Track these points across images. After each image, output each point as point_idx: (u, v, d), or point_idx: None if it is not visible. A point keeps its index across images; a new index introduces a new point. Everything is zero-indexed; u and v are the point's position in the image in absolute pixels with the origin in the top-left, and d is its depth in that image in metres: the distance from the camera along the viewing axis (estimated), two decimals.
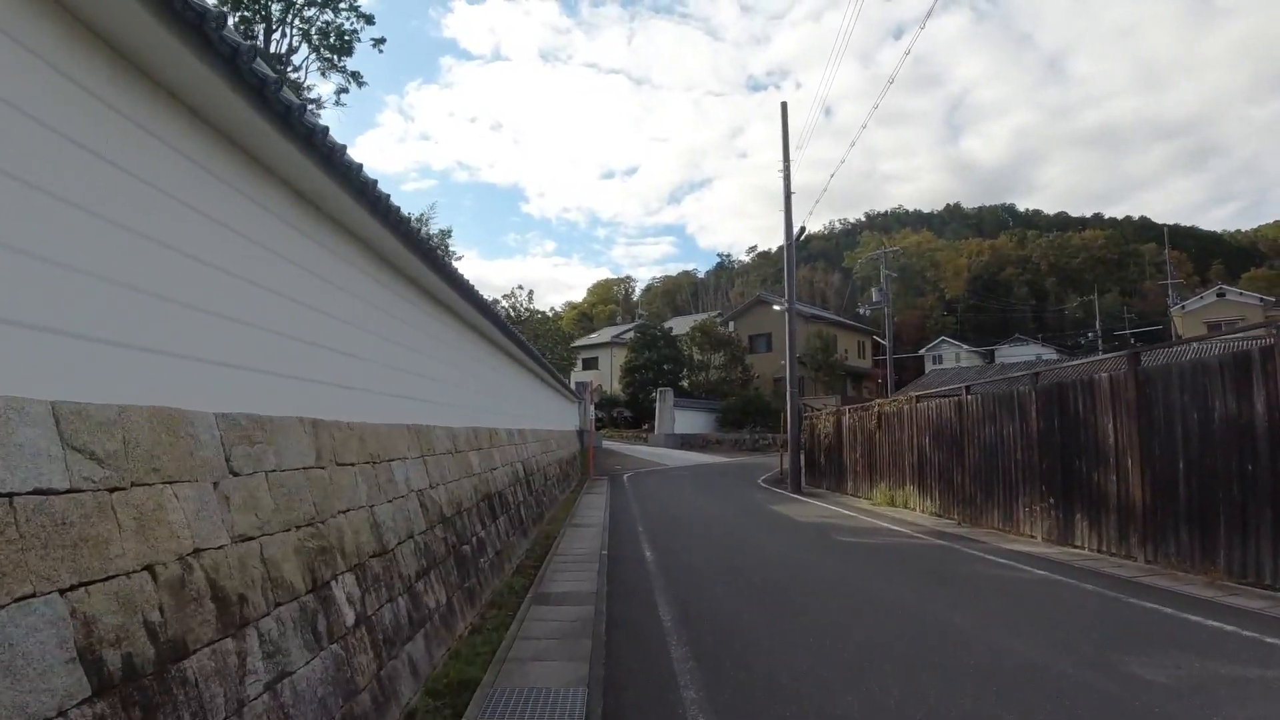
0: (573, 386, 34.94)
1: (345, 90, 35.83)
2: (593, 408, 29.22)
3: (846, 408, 21.94)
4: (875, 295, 41.31)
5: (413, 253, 6.45)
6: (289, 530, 4.26)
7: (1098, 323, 79.61)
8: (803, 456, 23.77)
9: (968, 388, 15.31)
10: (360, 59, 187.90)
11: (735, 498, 20.74)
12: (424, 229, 38.92)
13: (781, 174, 23.91)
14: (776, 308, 23.90)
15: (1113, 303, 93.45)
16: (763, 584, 8.85)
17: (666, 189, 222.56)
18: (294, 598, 4.08)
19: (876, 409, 19.36)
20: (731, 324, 56.39)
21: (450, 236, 42.50)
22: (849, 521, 15.14)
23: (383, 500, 5.84)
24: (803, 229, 22.54)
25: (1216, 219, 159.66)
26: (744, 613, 7.37)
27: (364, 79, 40.23)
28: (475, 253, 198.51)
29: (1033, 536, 12.37)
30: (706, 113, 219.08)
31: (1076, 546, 11.35)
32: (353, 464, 5.44)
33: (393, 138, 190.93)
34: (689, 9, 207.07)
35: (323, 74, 35.31)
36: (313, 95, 34.64)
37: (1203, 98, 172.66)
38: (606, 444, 40.69)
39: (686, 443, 43.45)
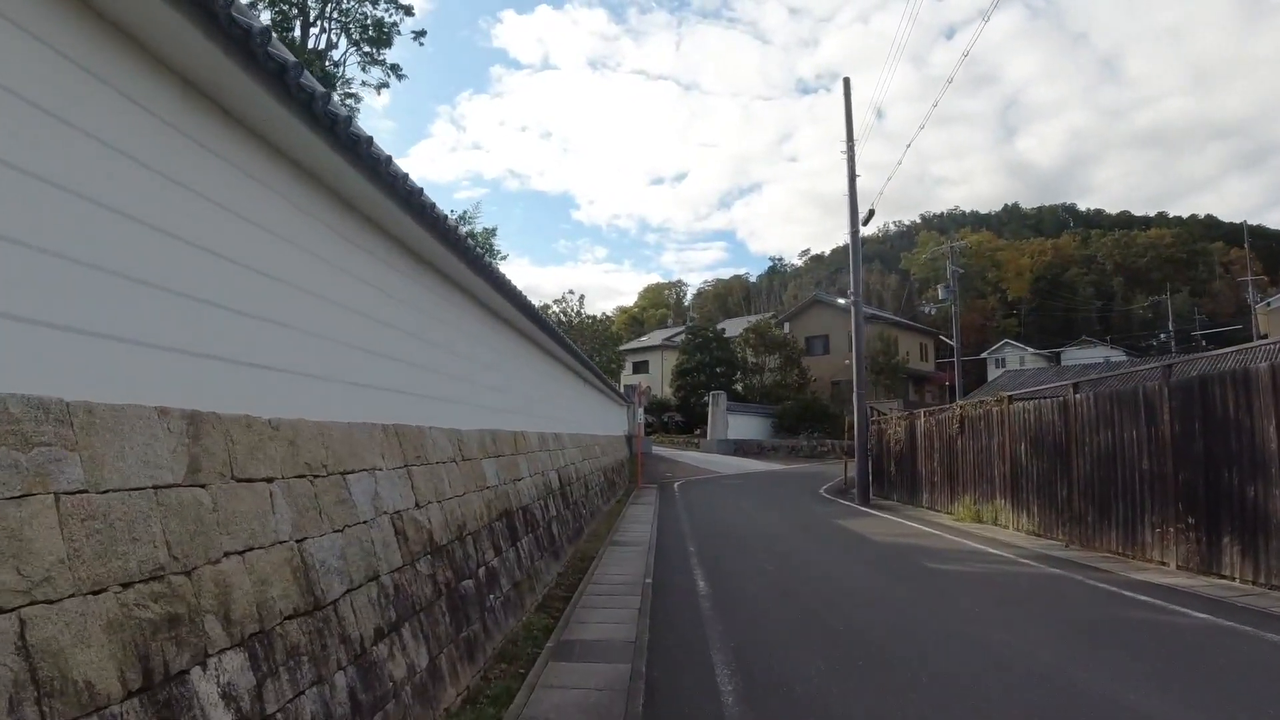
0: (621, 390, 33.17)
1: (385, 85, 34.95)
2: (641, 411, 27.40)
3: (922, 411, 19.77)
4: (942, 292, 38.77)
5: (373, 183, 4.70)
6: (100, 592, 2.52)
7: (1170, 323, 75.91)
8: (869, 465, 21.60)
9: (1075, 385, 13.13)
10: (410, 67, 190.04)
11: (796, 511, 18.73)
12: (464, 226, 37.62)
13: (845, 154, 21.88)
14: (841, 301, 21.89)
15: (1182, 303, 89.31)
16: (849, 634, 6.90)
17: (716, 195, 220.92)
18: (93, 709, 2.35)
19: (959, 412, 17.20)
20: (786, 325, 54.14)
21: (495, 236, 41.16)
22: (933, 542, 13.05)
23: (324, 530, 4.09)
24: (871, 212, 20.44)
25: (1274, 220, 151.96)
26: (832, 685, 5.43)
27: (403, 71, 39.26)
28: (527, 260, 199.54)
29: (1164, 564, 10.21)
30: (755, 117, 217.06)
31: (1223, 576, 9.20)
32: (270, 479, 3.70)
33: (444, 147, 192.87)
34: (736, 13, 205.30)
35: (363, 68, 34.51)
36: (352, 89, 33.79)
37: (1258, 97, 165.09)
38: (656, 450, 38.86)
39: (740, 449, 41.40)
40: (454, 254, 6.41)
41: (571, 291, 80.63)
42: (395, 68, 34.35)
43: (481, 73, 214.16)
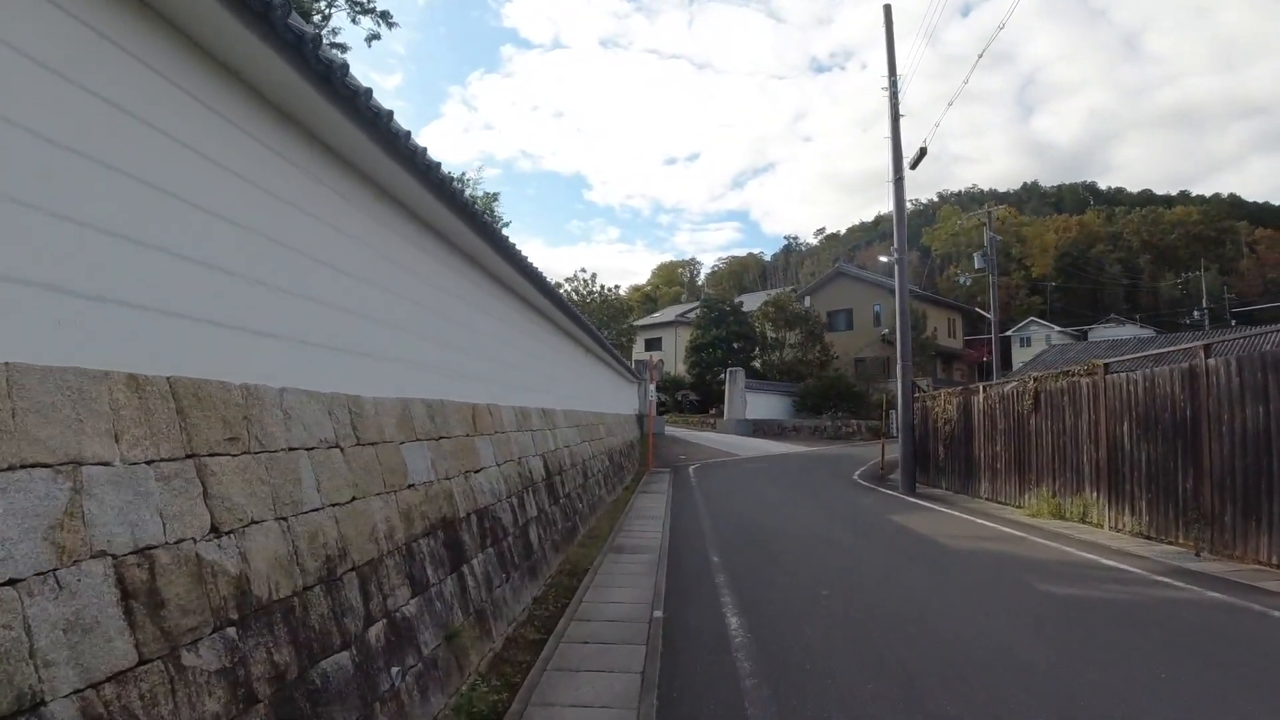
0: (631, 366, 30.41)
1: (376, 36, 32.20)
2: (653, 388, 24.65)
3: (980, 385, 16.89)
4: (978, 260, 35.62)
5: None
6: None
7: (1204, 300, 73.08)
8: (914, 448, 18.75)
9: (1207, 347, 10.25)
10: (418, 50, 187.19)
11: (835, 502, 15.95)
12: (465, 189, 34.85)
13: (887, 91, 18.90)
14: (883, 259, 18.99)
15: (1211, 281, 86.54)
16: None
17: (729, 174, 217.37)
18: None
19: (1033, 385, 14.33)
20: (807, 299, 51.09)
21: (496, 201, 38.32)
22: (1025, 549, 10.24)
23: None
24: (923, 151, 17.44)
25: None
26: None
27: (394, 19, 36.67)
28: (540, 241, 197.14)
29: None
30: (770, 96, 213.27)
31: None
32: None
33: (457, 128, 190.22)
34: None
35: (353, 20, 31.87)
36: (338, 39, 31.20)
37: None
38: (670, 430, 36.14)
39: (759, 429, 38.59)
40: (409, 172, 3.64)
41: (584, 270, 77.76)
42: (385, 15, 31.60)
43: (492, 52, 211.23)
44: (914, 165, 17.46)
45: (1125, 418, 11.52)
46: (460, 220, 6.06)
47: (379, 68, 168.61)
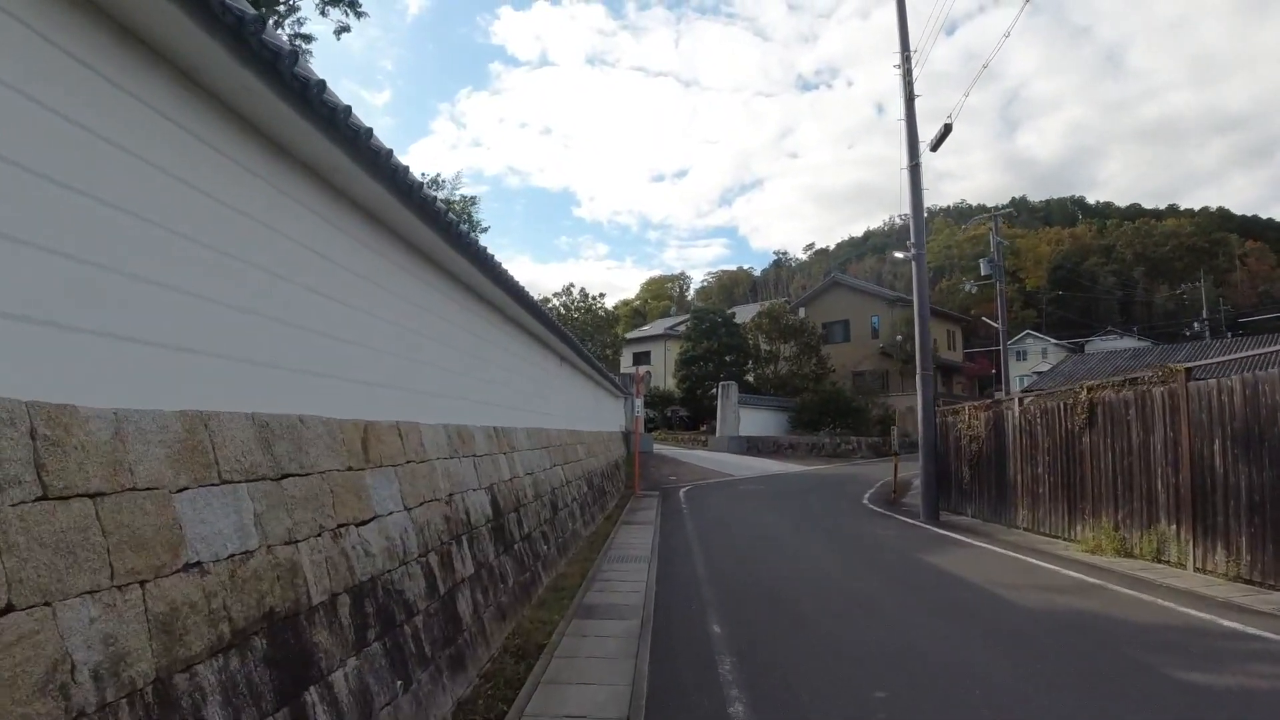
0: (617, 380, 28.08)
1: (346, 29, 30.15)
2: (640, 403, 22.38)
3: (1017, 396, 14.69)
4: (985, 267, 33.48)
5: None
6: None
7: (1205, 311, 71.72)
8: (935, 470, 16.51)
9: None
10: (407, 67, 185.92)
11: (850, 535, 13.70)
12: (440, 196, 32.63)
13: (899, 70, 16.83)
14: (899, 255, 16.79)
15: (1207, 293, 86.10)
16: None
17: (717, 191, 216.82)
18: None
19: (1085, 396, 12.14)
20: (801, 310, 48.97)
21: (475, 204, 36.09)
22: (1105, 603, 8.00)
23: None
24: (947, 128, 15.26)
25: None
26: None
27: (362, 7, 34.70)
28: (528, 257, 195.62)
29: None
30: (756, 113, 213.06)
31: None
32: None
33: (445, 145, 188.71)
34: (735, 8, 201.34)
35: (322, 12, 29.87)
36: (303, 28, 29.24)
37: (1261, 91, 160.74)
38: (659, 448, 33.84)
39: (753, 447, 36.32)
40: None
41: (573, 284, 75.33)
42: (354, 4, 29.55)
43: (480, 69, 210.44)
44: (935, 146, 15.36)
45: (1216, 434, 9.34)
46: (399, 200, 3.87)
47: (367, 85, 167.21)
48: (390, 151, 4.55)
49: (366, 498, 4.62)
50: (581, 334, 37.57)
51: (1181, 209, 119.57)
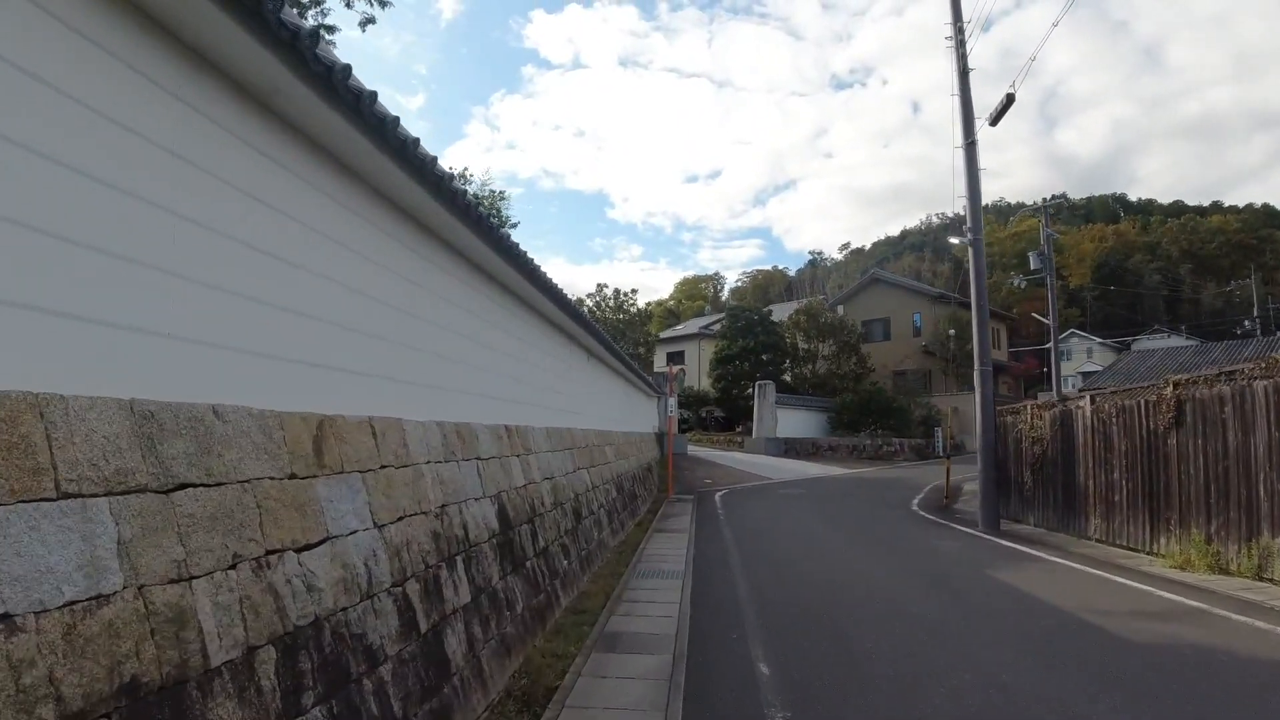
0: (650, 379, 26.99)
1: (371, 20, 29.42)
2: (673, 402, 21.28)
3: (1089, 394, 13.34)
4: (1035, 261, 31.83)
5: None
6: None
7: (1255, 309, 68.96)
8: (995, 474, 15.16)
9: None
10: (441, 71, 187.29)
11: (905, 546, 12.48)
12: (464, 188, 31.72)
13: (951, 41, 15.56)
14: (955, 240, 15.41)
15: (1258, 290, 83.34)
16: None
17: (751, 192, 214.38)
18: None
19: (1172, 393, 10.82)
20: (840, 308, 47.49)
21: (504, 199, 35.18)
22: (1225, 635, 6.75)
23: None
24: (1009, 99, 13.92)
25: None
26: None
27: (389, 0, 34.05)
28: (562, 259, 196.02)
29: None
30: (789, 114, 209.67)
31: None
32: None
33: (480, 148, 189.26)
34: (768, 8, 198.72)
35: (348, 4, 29.17)
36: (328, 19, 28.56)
37: None
38: (693, 450, 32.70)
39: (791, 449, 35.02)
40: None
41: (604, 284, 74.26)
42: None
43: (513, 73, 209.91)
44: (996, 120, 14.05)
45: None
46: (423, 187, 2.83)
47: (403, 89, 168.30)
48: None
49: (316, 514, 3.58)
50: (613, 333, 36.60)
51: (1225, 206, 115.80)
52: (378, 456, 4.49)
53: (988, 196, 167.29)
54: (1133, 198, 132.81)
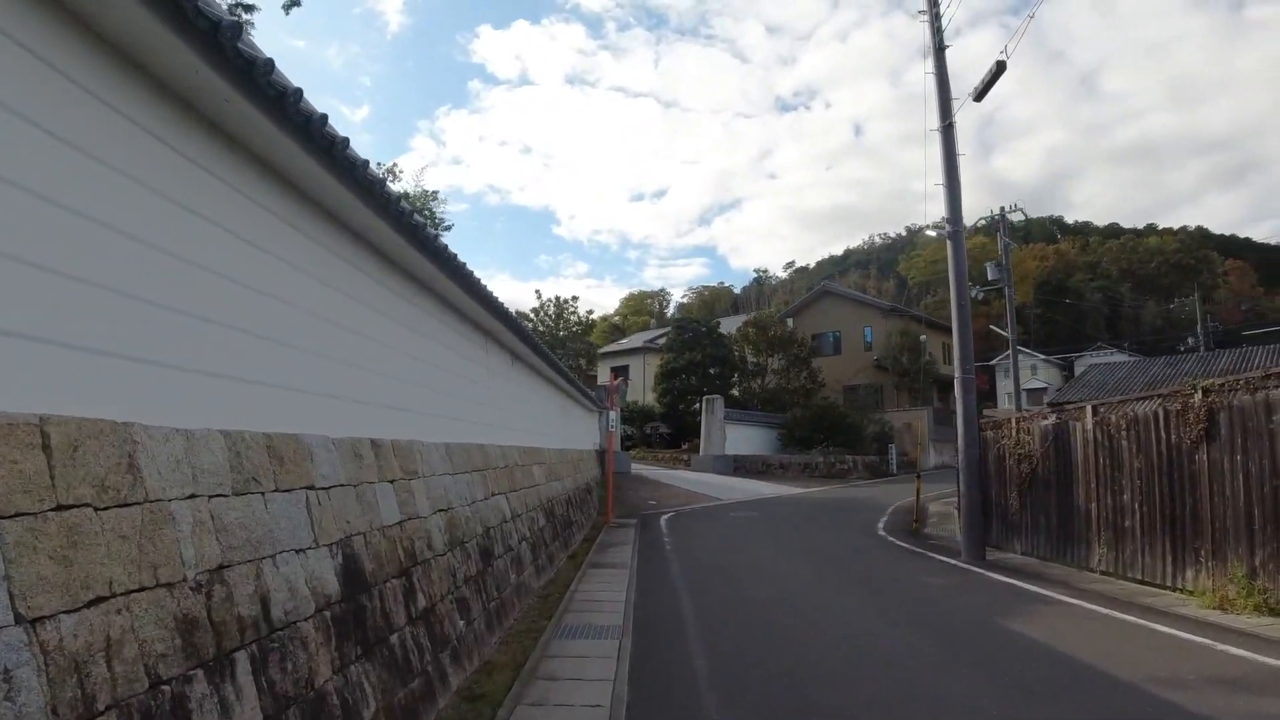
0: (592, 393, 24.82)
1: (296, 3, 27.08)
2: (615, 415, 19.21)
3: (1088, 405, 11.63)
4: (992, 272, 30.68)
5: None
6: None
7: (1199, 326, 69.95)
8: (980, 495, 13.35)
9: None
10: (386, 83, 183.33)
11: (892, 588, 10.57)
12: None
13: (924, 14, 13.94)
14: (931, 233, 13.17)
15: (1193, 309, 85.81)
16: None
17: (696, 211, 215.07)
18: None
19: (1200, 400, 9.15)
20: (789, 321, 46.00)
21: (436, 200, 32.86)
22: None
23: None
24: (1000, 65, 12.23)
25: (1260, 234, 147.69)
26: None
27: None
28: (508, 275, 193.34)
29: None
30: (735, 134, 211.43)
31: None
32: None
33: (425, 161, 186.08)
34: (714, 31, 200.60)
35: None
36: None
37: (1238, 114, 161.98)
38: (637, 468, 30.65)
39: (740, 466, 33.19)
40: None
41: (539, 290, 71.55)
42: None
43: (460, 87, 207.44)
44: (981, 95, 12.39)
45: None
46: None
47: (348, 100, 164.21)
48: None
49: None
50: (553, 344, 34.40)
51: (1160, 228, 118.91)
52: (52, 489, 2.37)
53: (929, 218, 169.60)
54: (1070, 220, 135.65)
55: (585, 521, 16.92)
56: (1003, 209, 31.54)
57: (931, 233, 13.70)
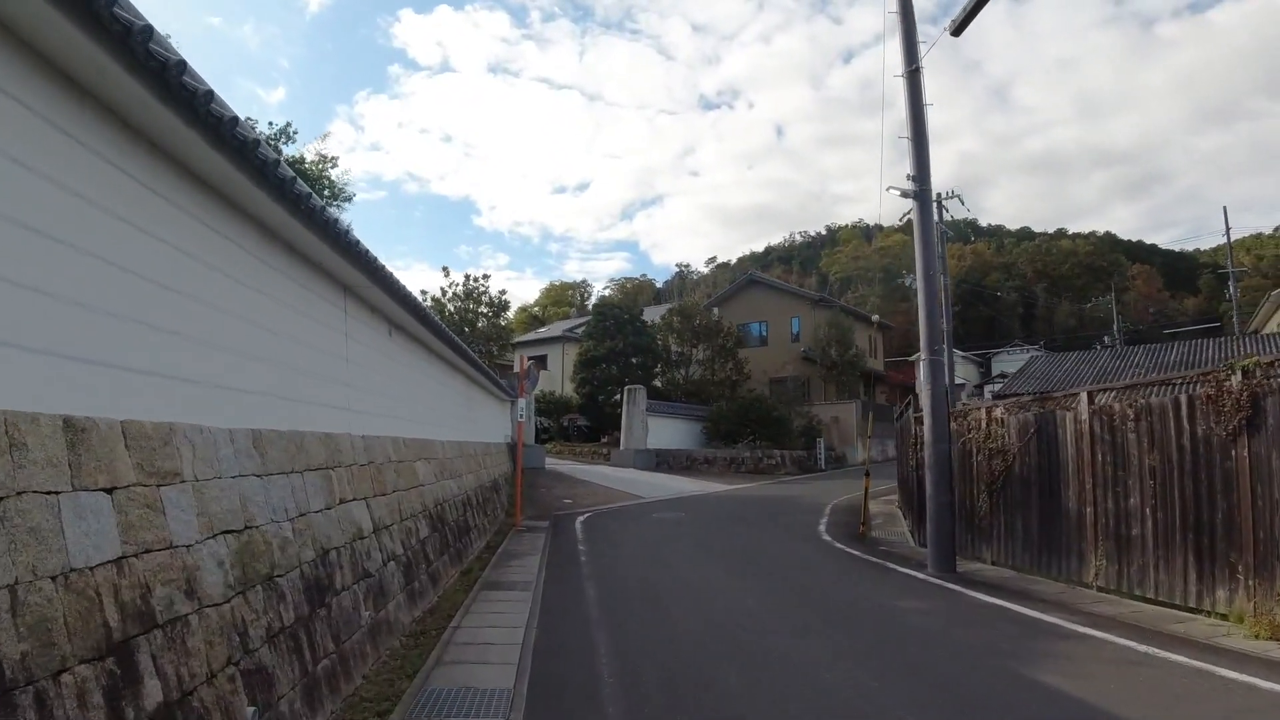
0: (501, 380, 22.33)
1: None
2: (524, 404, 16.86)
3: (1083, 393, 9.86)
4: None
5: None
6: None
7: (1116, 324, 71.49)
8: (948, 496, 11.51)
9: None
10: (304, 65, 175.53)
11: (857, 614, 8.61)
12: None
13: None
14: (895, 191, 11.90)
15: (1107, 310, 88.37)
16: None
17: (619, 206, 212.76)
18: None
19: (1239, 383, 7.42)
20: (715, 310, 44.22)
21: (335, 166, 29.81)
22: None
23: None
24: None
25: (1163, 240, 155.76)
26: None
27: None
28: (426, 264, 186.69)
29: None
30: (659, 130, 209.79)
31: None
32: None
33: (342, 147, 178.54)
34: (640, 26, 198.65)
35: None
36: None
37: (1143, 128, 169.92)
38: (552, 463, 28.32)
39: (664, 462, 31.22)
40: None
41: (446, 269, 68.12)
42: None
43: (380, 72, 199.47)
44: (960, 28, 10.49)
45: None
46: None
47: (263, 82, 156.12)
48: None
49: None
50: (462, 327, 31.72)
51: (1070, 233, 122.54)
52: None
53: (845, 218, 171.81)
54: (984, 223, 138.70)
55: (488, 526, 14.57)
56: (939, 194, 30.19)
57: (894, 190, 12.06)
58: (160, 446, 3.82)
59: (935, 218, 12.18)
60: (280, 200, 4.85)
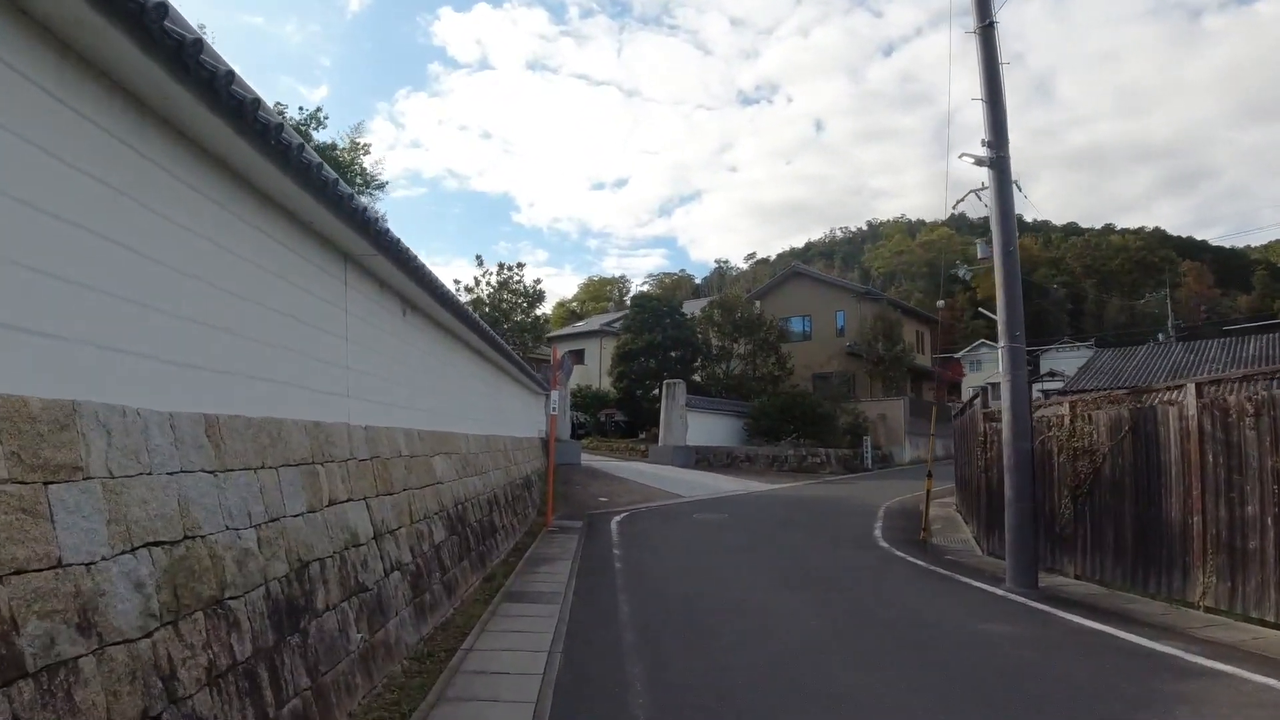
0: (535, 371, 21.41)
1: None
2: (556, 396, 15.89)
3: (1190, 384, 8.59)
4: (981, 250, 27.90)
5: None
6: None
7: (1170, 321, 68.90)
8: (1031, 503, 10.27)
9: None
10: (345, 64, 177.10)
11: (924, 630, 7.50)
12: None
13: None
14: (968, 159, 10.86)
15: (1159, 306, 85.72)
16: None
17: (656, 201, 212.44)
18: None
19: None
20: (757, 303, 42.93)
21: (367, 153, 29.23)
22: None
23: None
24: None
25: (1213, 236, 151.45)
26: None
27: None
28: (464, 260, 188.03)
29: None
30: (696, 126, 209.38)
31: None
32: None
33: (383, 145, 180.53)
34: (677, 21, 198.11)
35: None
36: None
37: (1189, 122, 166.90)
38: (588, 460, 27.38)
39: (703, 459, 30.13)
40: None
41: (479, 258, 67.55)
42: None
43: (420, 70, 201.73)
44: None
45: None
46: None
47: (305, 80, 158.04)
48: None
49: None
50: (497, 319, 30.92)
51: (1117, 229, 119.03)
52: None
53: (883, 214, 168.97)
54: (1029, 219, 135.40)
55: (518, 526, 13.65)
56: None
57: (968, 158, 10.95)
58: (51, 432, 2.87)
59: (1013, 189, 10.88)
60: (244, 134, 3.91)
